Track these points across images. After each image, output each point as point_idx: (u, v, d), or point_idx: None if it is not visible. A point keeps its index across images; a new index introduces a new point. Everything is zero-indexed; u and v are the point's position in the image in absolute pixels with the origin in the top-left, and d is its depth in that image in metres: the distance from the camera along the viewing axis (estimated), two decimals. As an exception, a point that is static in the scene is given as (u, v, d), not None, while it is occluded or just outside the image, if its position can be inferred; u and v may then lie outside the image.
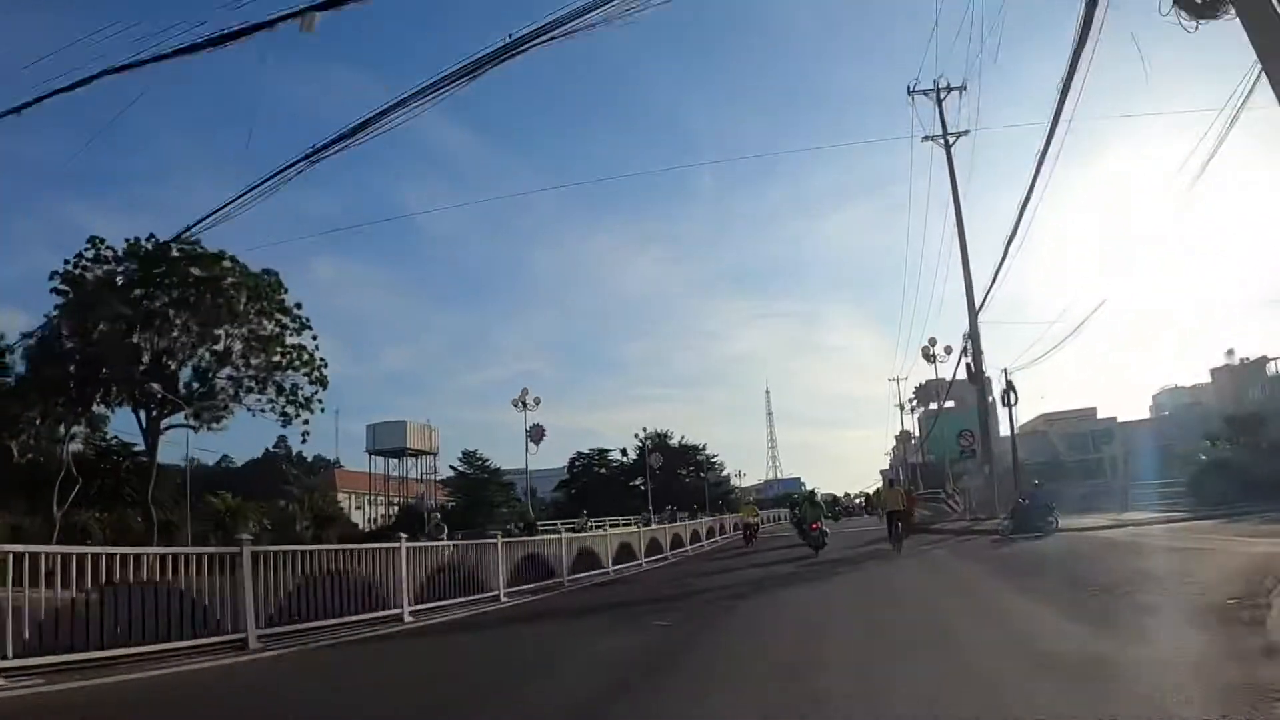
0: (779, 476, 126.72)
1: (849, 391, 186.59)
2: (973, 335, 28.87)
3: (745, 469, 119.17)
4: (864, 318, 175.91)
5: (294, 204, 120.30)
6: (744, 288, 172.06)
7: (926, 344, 39.88)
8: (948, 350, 35.86)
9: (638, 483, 70.04)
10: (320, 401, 30.03)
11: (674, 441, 76.62)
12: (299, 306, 29.54)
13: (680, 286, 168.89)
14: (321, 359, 29.96)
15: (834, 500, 74.66)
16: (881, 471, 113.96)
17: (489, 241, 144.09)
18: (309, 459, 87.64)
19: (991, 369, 29.93)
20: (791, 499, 52.66)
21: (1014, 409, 30.18)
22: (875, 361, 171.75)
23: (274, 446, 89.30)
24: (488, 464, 68.27)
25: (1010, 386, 29.13)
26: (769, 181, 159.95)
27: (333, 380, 30.86)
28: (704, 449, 77.83)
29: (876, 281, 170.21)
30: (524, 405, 44.85)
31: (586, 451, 74.45)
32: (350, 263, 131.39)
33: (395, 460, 73.42)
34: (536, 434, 47.56)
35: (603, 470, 74.20)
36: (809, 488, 63.48)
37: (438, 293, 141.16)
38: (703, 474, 76.07)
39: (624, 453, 75.40)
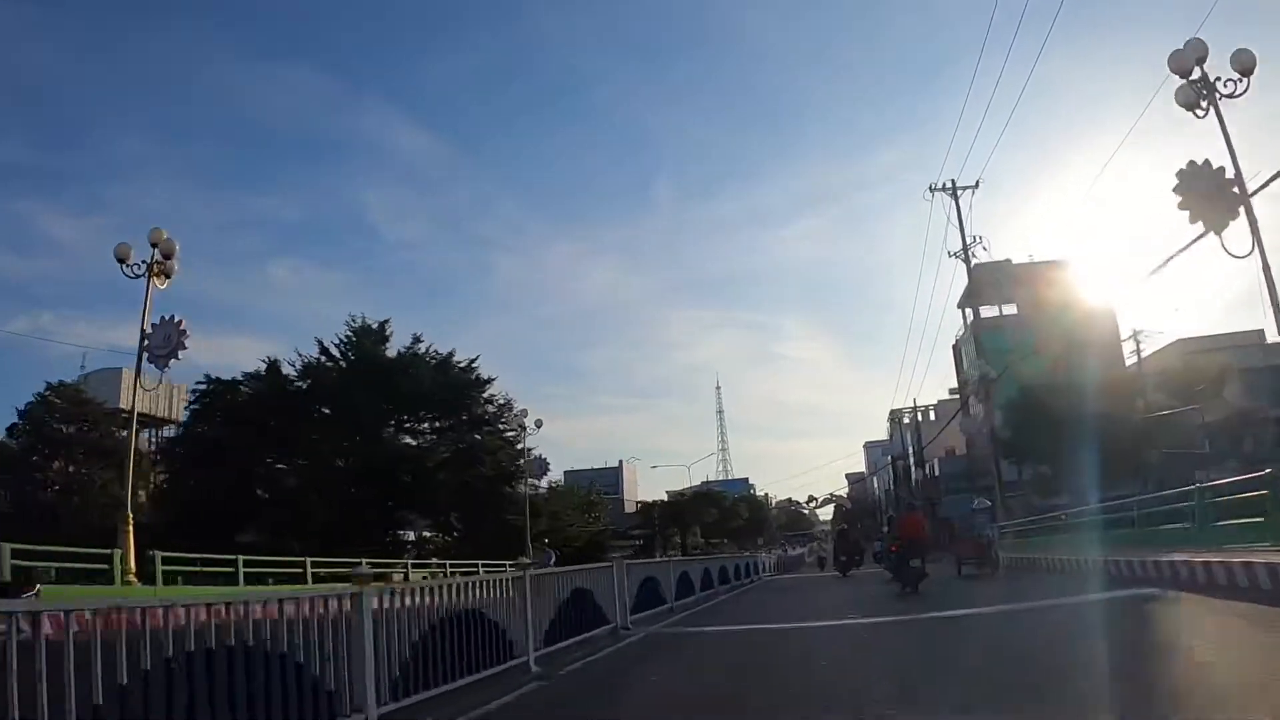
0: (727, 477, 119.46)
1: (806, 401, 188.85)
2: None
3: (698, 478, 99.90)
4: (822, 327, 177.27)
5: (250, 206, 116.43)
6: (703, 297, 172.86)
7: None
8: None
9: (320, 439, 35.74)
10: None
11: (396, 348, 38.04)
12: None
13: (639, 295, 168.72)
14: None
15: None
16: (847, 475, 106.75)
17: (448, 247, 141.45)
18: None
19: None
20: (887, 519, 36.98)
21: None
22: (835, 375, 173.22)
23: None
24: (86, 402, 32.35)
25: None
26: (727, 190, 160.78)
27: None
28: (460, 361, 40.14)
29: (835, 291, 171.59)
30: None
31: (228, 379, 36.20)
32: (306, 266, 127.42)
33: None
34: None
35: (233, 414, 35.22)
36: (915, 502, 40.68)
37: (394, 297, 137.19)
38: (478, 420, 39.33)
39: (271, 366, 36.57)
